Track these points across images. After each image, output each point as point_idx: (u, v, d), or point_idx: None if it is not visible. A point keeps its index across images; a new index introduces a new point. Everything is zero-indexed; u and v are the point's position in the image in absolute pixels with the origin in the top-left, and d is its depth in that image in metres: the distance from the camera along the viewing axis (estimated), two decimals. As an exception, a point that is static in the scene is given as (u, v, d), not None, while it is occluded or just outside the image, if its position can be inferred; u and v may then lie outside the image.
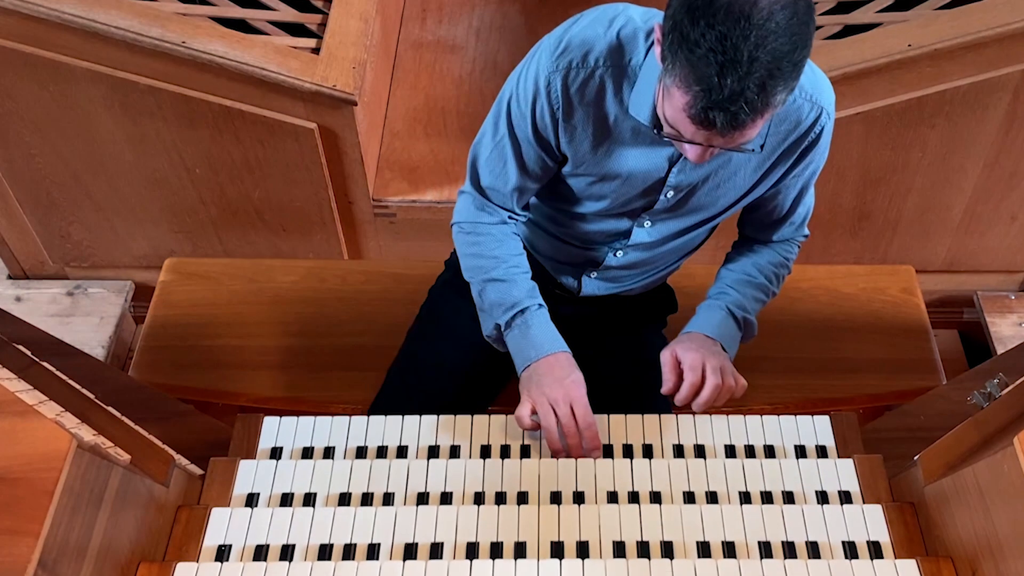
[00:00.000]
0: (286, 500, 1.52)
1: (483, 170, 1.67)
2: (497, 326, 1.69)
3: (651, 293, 1.93)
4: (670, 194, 1.61)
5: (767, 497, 1.52)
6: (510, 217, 1.72)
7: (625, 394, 1.78)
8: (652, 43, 1.45)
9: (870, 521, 1.45)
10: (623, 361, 1.88)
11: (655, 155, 1.55)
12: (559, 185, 1.69)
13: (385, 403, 1.88)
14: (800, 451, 1.62)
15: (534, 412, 1.62)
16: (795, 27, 1.23)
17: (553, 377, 1.62)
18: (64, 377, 1.53)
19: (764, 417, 1.67)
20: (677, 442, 1.64)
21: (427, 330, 1.96)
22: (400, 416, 1.67)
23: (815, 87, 1.53)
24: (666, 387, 1.66)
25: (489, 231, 1.71)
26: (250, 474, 1.56)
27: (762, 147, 1.48)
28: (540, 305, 1.69)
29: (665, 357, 1.66)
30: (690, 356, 1.64)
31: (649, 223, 1.70)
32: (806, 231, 1.80)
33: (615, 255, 1.77)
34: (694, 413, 1.66)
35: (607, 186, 1.62)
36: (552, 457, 1.62)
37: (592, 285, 1.86)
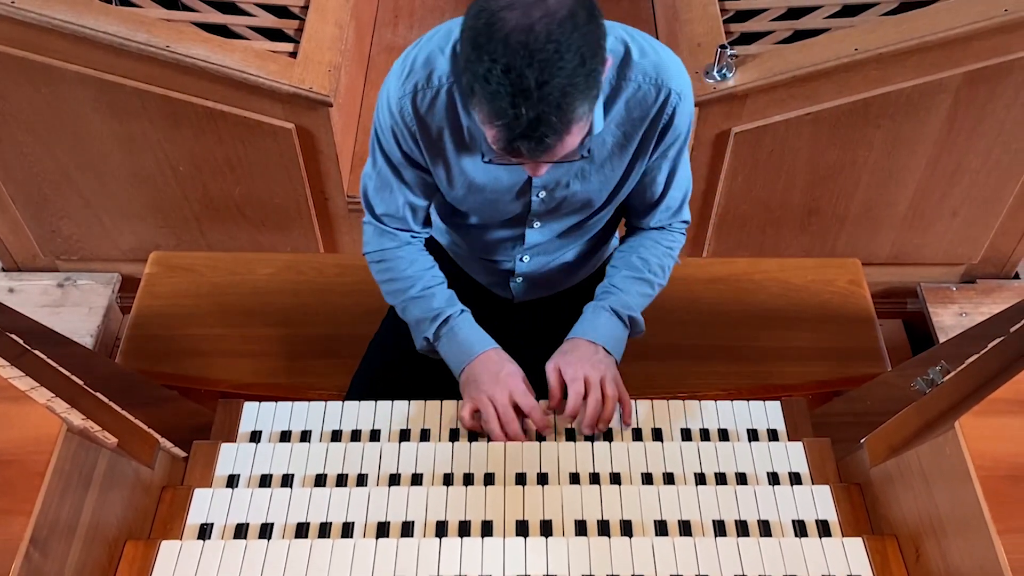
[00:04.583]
0: (265, 481, 1.55)
1: (374, 200, 1.68)
2: (427, 339, 1.69)
3: (595, 284, 1.85)
4: (542, 194, 1.61)
5: (721, 478, 1.56)
6: (413, 236, 1.72)
7: None
8: None
9: (819, 501, 1.48)
10: None
11: None
12: (446, 203, 1.70)
13: (360, 386, 1.90)
14: (752, 435, 1.65)
15: (476, 412, 1.62)
16: (578, 40, 1.21)
17: (489, 374, 1.62)
18: (55, 364, 1.56)
19: (718, 403, 1.70)
20: (636, 426, 1.66)
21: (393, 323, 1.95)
22: (373, 402, 1.70)
23: (660, 70, 1.48)
24: (551, 403, 1.64)
25: (396, 255, 1.71)
26: (231, 457, 1.59)
27: (589, 151, 1.46)
28: (462, 310, 1.69)
29: (548, 370, 1.64)
30: (571, 369, 1.62)
31: (538, 223, 1.69)
32: (685, 216, 1.75)
33: (521, 260, 1.79)
34: (588, 436, 1.63)
35: (479, 196, 1.62)
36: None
37: (522, 289, 1.88)
